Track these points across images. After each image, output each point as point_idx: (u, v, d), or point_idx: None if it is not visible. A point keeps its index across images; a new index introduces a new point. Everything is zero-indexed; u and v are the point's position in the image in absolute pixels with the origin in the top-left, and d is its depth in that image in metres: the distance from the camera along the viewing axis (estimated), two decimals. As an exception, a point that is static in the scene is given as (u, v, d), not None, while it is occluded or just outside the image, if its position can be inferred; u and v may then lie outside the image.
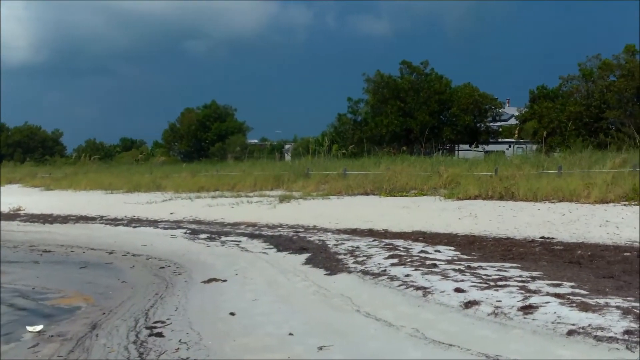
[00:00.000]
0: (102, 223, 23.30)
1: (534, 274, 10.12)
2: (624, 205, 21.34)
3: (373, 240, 15.16)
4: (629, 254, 12.80)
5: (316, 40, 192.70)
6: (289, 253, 14.20)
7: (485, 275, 9.91)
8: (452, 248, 13.90)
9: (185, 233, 19.16)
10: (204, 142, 70.70)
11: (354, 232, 17.70)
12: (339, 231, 17.86)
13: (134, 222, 23.00)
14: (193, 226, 20.78)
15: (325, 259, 12.82)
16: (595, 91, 48.57)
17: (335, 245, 14.69)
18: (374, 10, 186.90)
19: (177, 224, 21.53)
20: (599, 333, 6.39)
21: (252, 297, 10.17)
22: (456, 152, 57.15)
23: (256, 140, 77.60)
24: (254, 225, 20.33)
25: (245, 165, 41.51)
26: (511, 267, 10.89)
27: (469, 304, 8.07)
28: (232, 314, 9.10)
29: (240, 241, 16.82)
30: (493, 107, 59.01)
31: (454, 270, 10.46)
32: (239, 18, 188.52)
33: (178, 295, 10.82)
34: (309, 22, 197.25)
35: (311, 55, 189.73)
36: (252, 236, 17.55)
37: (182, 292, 11.07)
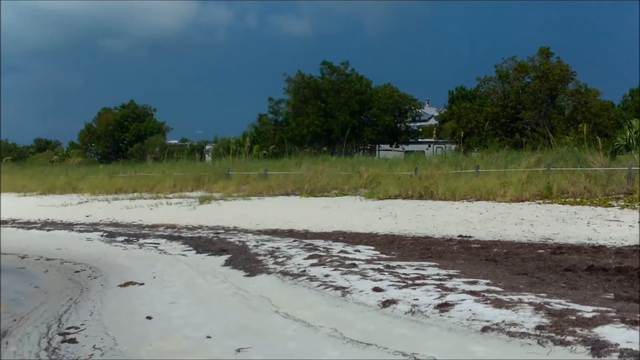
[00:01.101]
0: (13, 227, 22.57)
1: (451, 272, 10.25)
2: (539, 203, 21.91)
3: (293, 241, 15.13)
4: (542, 251, 13.14)
5: (237, 40, 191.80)
6: (209, 255, 14.03)
7: (404, 274, 9.99)
8: (372, 248, 13.99)
9: (102, 236, 18.72)
10: (122, 142, 69.34)
11: (275, 232, 17.65)
12: (259, 232, 17.77)
13: (48, 225, 22.37)
14: (110, 229, 20.35)
15: (245, 260, 12.72)
16: (511, 92, 49.75)
17: (255, 246, 14.60)
18: (295, 10, 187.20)
19: (93, 227, 21.04)
20: (512, 329, 6.50)
21: (170, 300, 9.98)
22: (377, 152, 57.72)
23: (176, 141, 76.61)
24: (173, 227, 20.05)
25: (164, 166, 40.90)
26: (429, 266, 11.01)
27: (386, 303, 8.11)
28: (149, 317, 8.90)
29: (158, 243, 16.54)
30: (413, 108, 59.78)
31: (373, 269, 10.52)
32: (159, 17, 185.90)
33: (93, 300, 10.54)
34: (230, 21, 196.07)
35: (232, 55, 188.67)
36: (171, 238, 17.28)
37: (97, 297, 10.78)
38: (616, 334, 5.94)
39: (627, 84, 72.85)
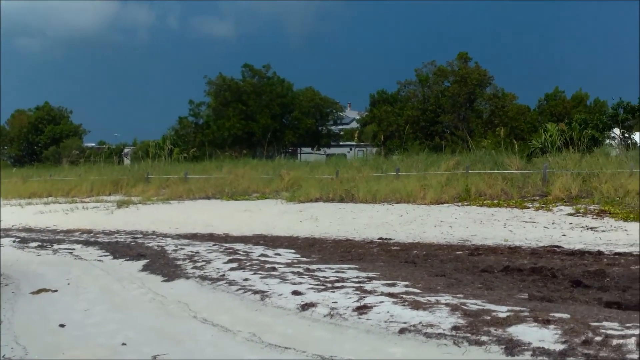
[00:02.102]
0: None
1: (371, 274, 10.29)
2: (457, 205, 22.31)
3: (213, 245, 14.96)
4: (460, 252, 13.34)
5: (158, 41, 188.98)
6: (126, 260, 13.73)
7: (324, 277, 9.98)
8: (293, 251, 13.95)
9: (14, 242, 18.11)
10: (37, 145, 67.58)
11: (194, 237, 17.43)
12: (178, 236, 17.52)
13: (-43, 231, 21.55)
14: (23, 234, 19.72)
15: (163, 265, 12.49)
16: (430, 96, 50.63)
17: (174, 250, 14.37)
18: (218, 11, 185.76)
19: (5, 233, 20.35)
20: (429, 330, 6.55)
21: (85, 307, 9.70)
22: (298, 155, 57.81)
23: (94, 144, 74.91)
24: (89, 232, 19.59)
25: (81, 169, 39.98)
26: (349, 269, 11.02)
27: (305, 306, 8.08)
28: (62, 325, 8.62)
29: (74, 249, 16.11)
30: (334, 111, 60.21)
31: (293, 273, 10.47)
32: (76, 16, 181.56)
33: (4, 308, 10.14)
34: (151, 22, 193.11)
35: (153, 56, 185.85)
36: (87, 243, 16.86)
37: (8, 305, 10.38)
38: (529, 333, 6.05)
39: (543, 89, 74.95)
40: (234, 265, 11.55)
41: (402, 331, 6.71)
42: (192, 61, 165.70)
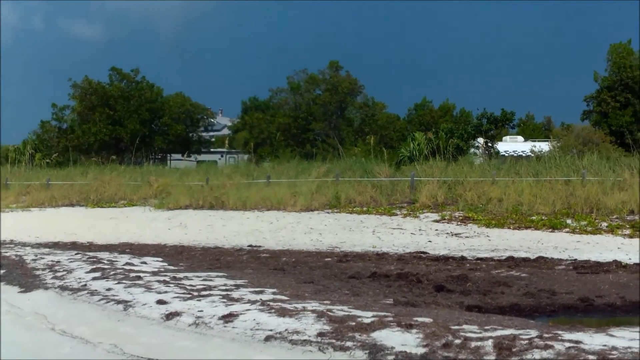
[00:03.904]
0: None
1: (239, 282, 10.19)
2: (327, 212, 22.56)
3: (76, 254, 14.37)
4: (329, 259, 13.45)
5: (21, 42, 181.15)
6: (-20, 270, 12.97)
7: (190, 285, 9.78)
8: (160, 259, 13.64)
9: None
10: None
11: (56, 245, 16.74)
12: (39, 245, 16.77)
13: None
14: None
15: (20, 276, 11.87)
16: (302, 104, 51.07)
17: (33, 260, 13.69)
18: (85, 13, 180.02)
19: None
20: (295, 337, 6.52)
21: None
22: (168, 161, 56.86)
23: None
24: (-61, 241, 18.42)
25: None
26: (217, 277, 10.87)
27: (170, 316, 7.87)
28: None
29: None
30: (205, 117, 59.67)
31: (159, 281, 10.20)
32: None
33: None
34: (14, 22, 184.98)
35: (15, 57, 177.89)
36: (-63, 253, 15.83)
37: None
38: (392, 337, 6.13)
39: (412, 98, 77.10)
40: (97, 274, 11.13)
41: (267, 339, 6.66)
42: (58, 64, 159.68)
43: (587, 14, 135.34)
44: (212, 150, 63.47)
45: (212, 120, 62.71)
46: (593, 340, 5.84)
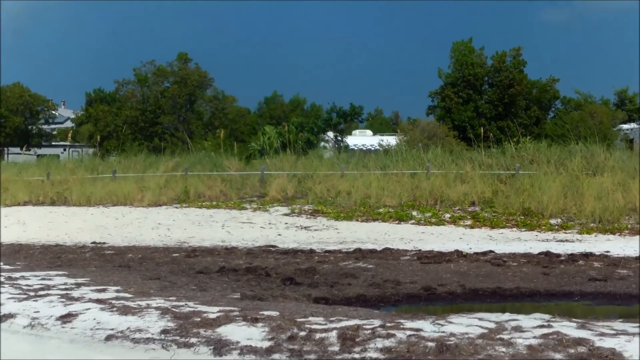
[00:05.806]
0: None
1: (80, 280, 9.78)
2: (176, 207, 22.20)
3: None
4: (177, 254, 13.21)
5: None
6: None
7: (27, 285, 9.29)
8: (-6, 259, 12.88)
9: None
10: None
11: None
12: None
13: None
14: None
15: None
16: (150, 96, 49.99)
17: None
18: None
19: None
20: (137, 335, 6.35)
21: None
22: (6, 155, 54.08)
23: None
24: None
25: None
26: (57, 275, 10.40)
27: (3, 318, 7.43)
28: None
29: None
30: (46, 109, 57.30)
31: (-7, 282, 9.62)
32: None
33: None
34: None
35: None
36: None
37: None
38: (237, 332, 6.09)
39: (263, 92, 77.24)
40: None
41: (108, 338, 6.44)
42: None
43: (432, 13, 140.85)
44: (53, 143, 60.93)
45: (54, 112, 60.29)
46: (433, 327, 6.02)
